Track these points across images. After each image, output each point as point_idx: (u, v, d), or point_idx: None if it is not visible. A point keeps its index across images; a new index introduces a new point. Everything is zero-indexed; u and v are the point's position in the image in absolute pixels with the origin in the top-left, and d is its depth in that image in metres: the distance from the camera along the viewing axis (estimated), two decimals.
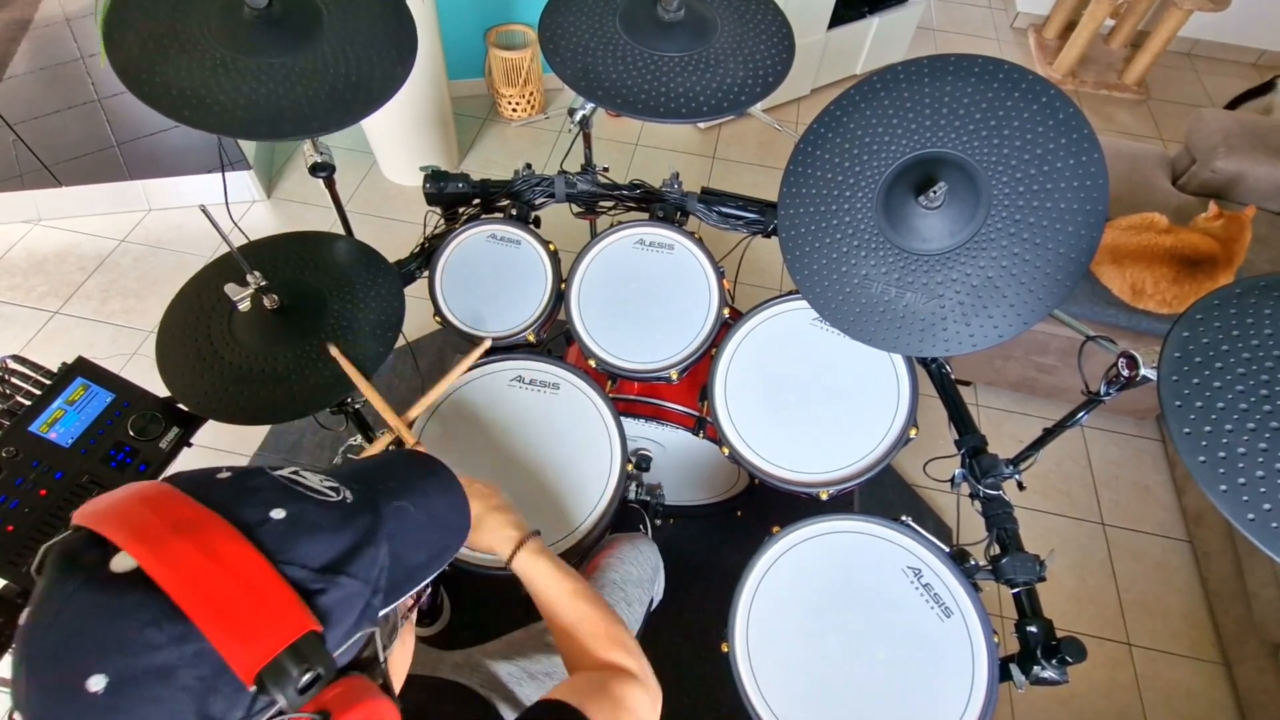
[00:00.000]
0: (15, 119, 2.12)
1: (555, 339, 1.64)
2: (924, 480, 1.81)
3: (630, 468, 1.01)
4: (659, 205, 1.23)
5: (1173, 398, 0.64)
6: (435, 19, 2.05)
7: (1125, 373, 0.79)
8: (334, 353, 0.94)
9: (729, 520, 1.61)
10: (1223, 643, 1.61)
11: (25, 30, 2.23)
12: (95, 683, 0.33)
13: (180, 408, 0.93)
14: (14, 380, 0.86)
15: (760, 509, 1.59)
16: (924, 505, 1.78)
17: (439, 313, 1.16)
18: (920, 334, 0.94)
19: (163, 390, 0.92)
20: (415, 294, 1.11)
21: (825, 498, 0.99)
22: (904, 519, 0.90)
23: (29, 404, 0.85)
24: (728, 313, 1.14)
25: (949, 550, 0.87)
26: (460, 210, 1.28)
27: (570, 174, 1.27)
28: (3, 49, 2.17)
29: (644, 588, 1.01)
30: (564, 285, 1.15)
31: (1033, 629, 0.83)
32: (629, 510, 1.35)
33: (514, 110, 2.64)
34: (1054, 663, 0.79)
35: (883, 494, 1.78)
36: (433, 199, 1.24)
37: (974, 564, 0.88)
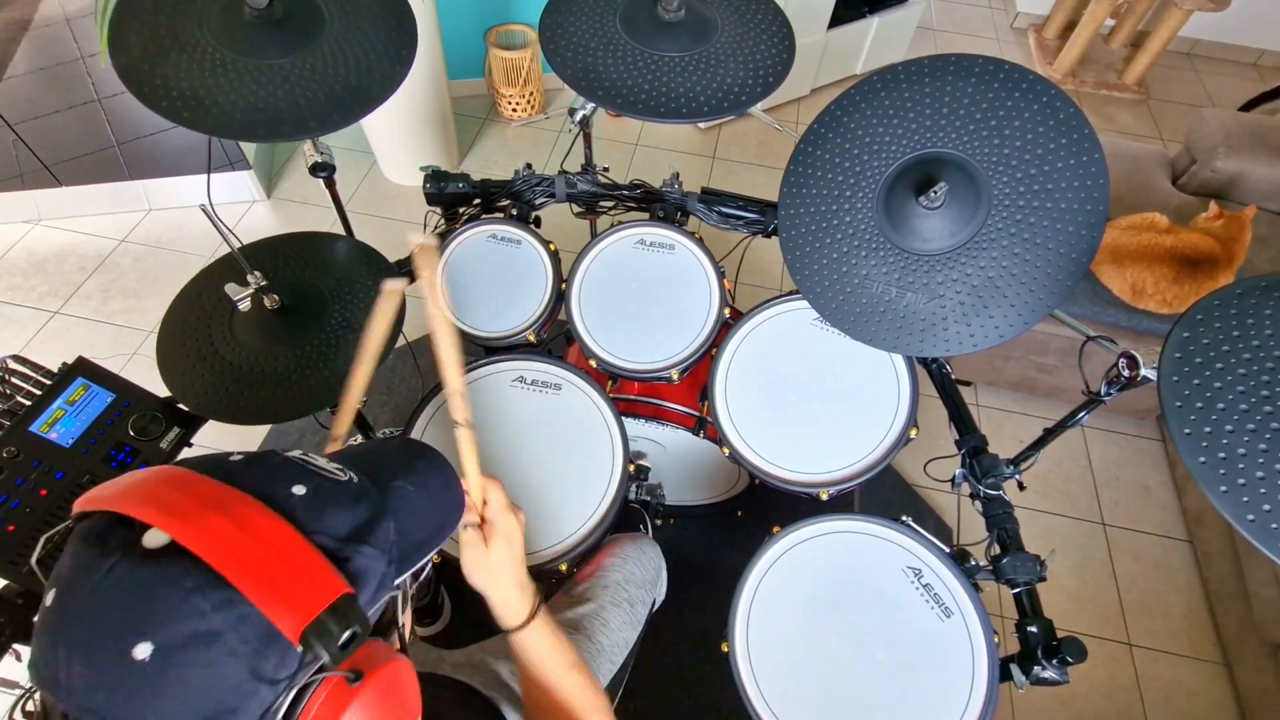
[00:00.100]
0: (15, 119, 2.12)
1: (555, 339, 1.64)
2: (924, 480, 1.81)
3: (631, 468, 1.01)
4: (659, 205, 1.23)
5: (1173, 398, 0.64)
6: (435, 19, 2.05)
7: (1125, 373, 0.79)
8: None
9: (729, 520, 1.61)
10: (1223, 643, 1.61)
11: (25, 30, 2.23)
12: (142, 650, 0.34)
13: (180, 408, 0.93)
14: (14, 380, 0.86)
15: (760, 509, 1.59)
16: (924, 505, 1.78)
17: None
18: (920, 334, 0.94)
19: (163, 390, 0.92)
20: (415, 294, 1.10)
21: (825, 498, 0.99)
22: (904, 519, 0.90)
23: (29, 404, 0.85)
24: (728, 313, 1.13)
25: (949, 550, 0.87)
26: (460, 210, 1.28)
27: (570, 174, 1.27)
28: (3, 49, 2.17)
29: (646, 589, 1.01)
30: (564, 285, 1.15)
31: (1033, 629, 0.83)
32: (629, 510, 1.35)
33: (514, 110, 2.64)
34: (1054, 663, 0.79)
35: (883, 494, 1.78)
36: (433, 199, 1.24)
37: (974, 564, 0.88)
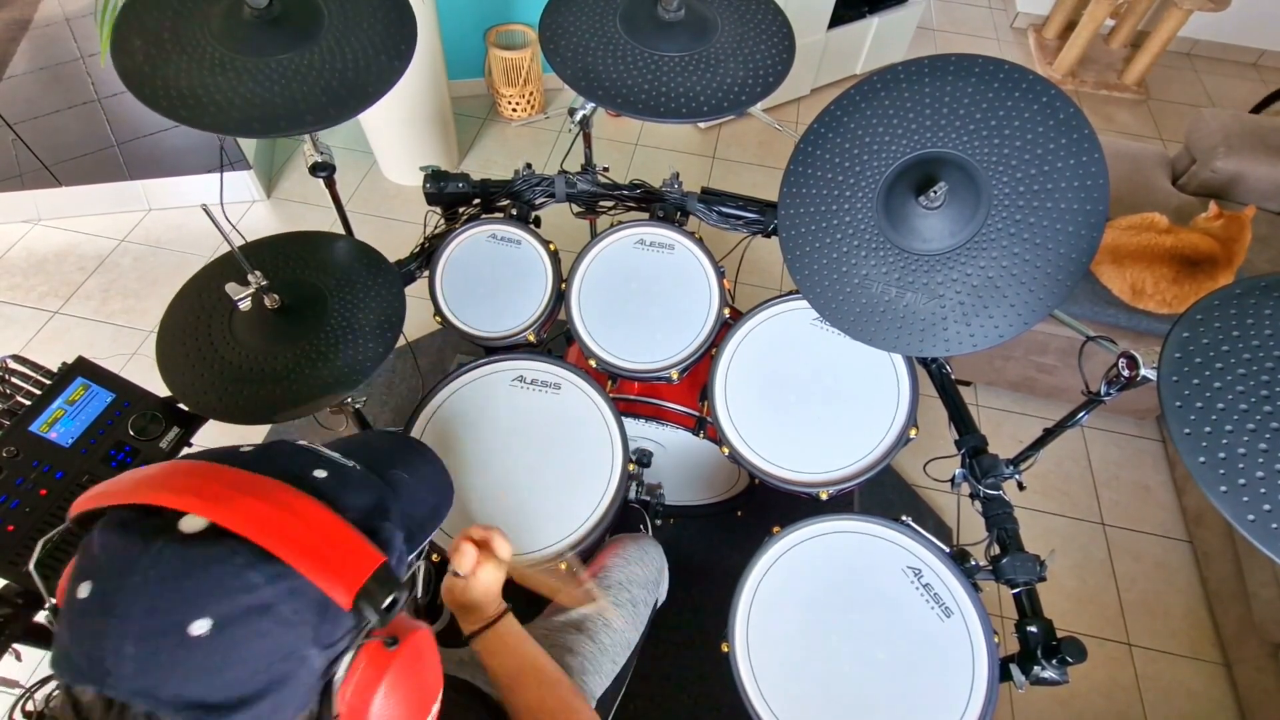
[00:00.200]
0: (15, 119, 2.12)
1: (555, 339, 1.64)
2: (924, 480, 1.81)
3: (631, 466, 1.01)
4: (659, 205, 1.23)
5: (1173, 398, 0.64)
6: (435, 18, 2.05)
7: (1125, 373, 0.79)
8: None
9: (729, 520, 1.61)
10: (1223, 643, 1.61)
11: (25, 30, 2.23)
12: (199, 627, 0.36)
13: (180, 407, 0.93)
14: (14, 380, 0.86)
15: (760, 509, 1.59)
16: (924, 505, 1.78)
17: (439, 313, 1.16)
18: (920, 334, 0.94)
19: (163, 390, 0.92)
20: (415, 294, 1.11)
21: (825, 498, 0.99)
22: (904, 519, 0.90)
23: (29, 404, 0.85)
24: (728, 313, 1.14)
25: (949, 550, 0.87)
26: (460, 210, 1.28)
27: (570, 174, 1.27)
28: (3, 49, 2.17)
29: (649, 589, 1.01)
30: (564, 285, 1.15)
31: (1033, 629, 0.83)
32: (629, 510, 1.35)
33: (514, 110, 2.64)
34: (1054, 663, 0.79)
35: (883, 494, 1.78)
36: (433, 199, 1.24)
37: (974, 564, 0.88)
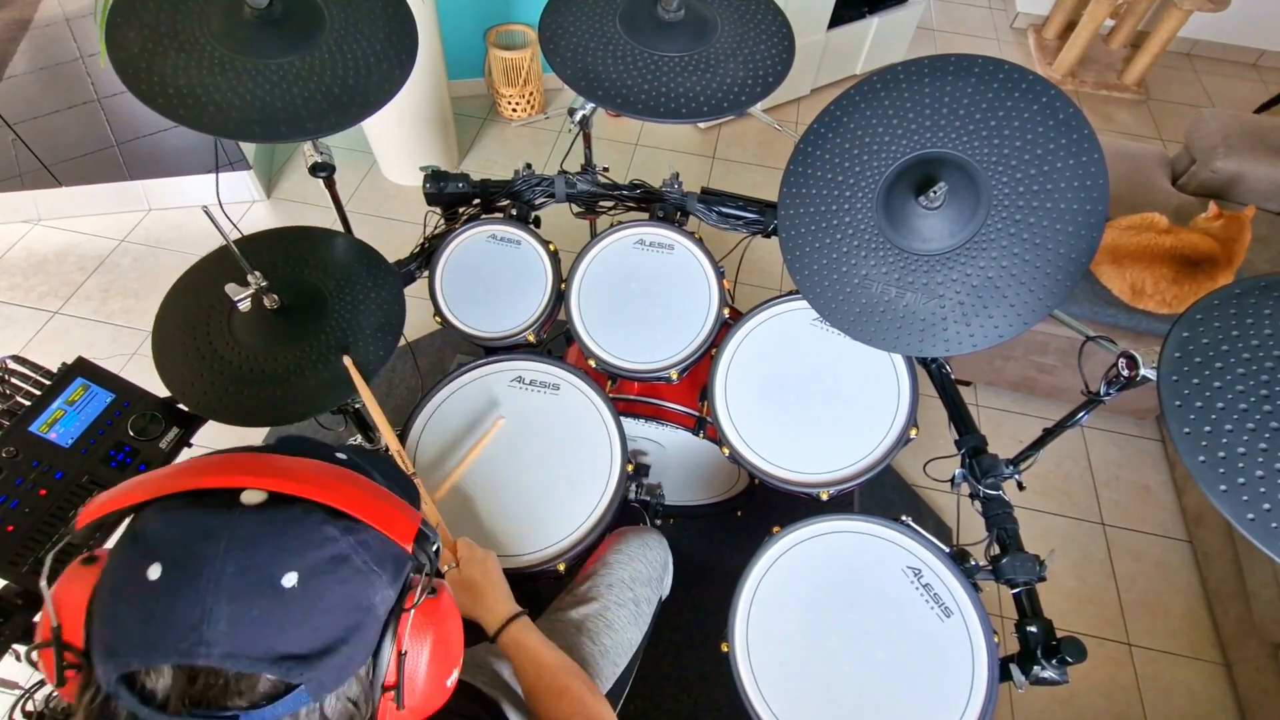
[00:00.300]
0: (15, 119, 2.12)
1: (555, 339, 1.64)
2: (924, 480, 1.81)
3: (630, 467, 1.01)
4: (659, 205, 1.23)
5: (1173, 398, 0.64)
6: (435, 19, 2.05)
7: (1125, 373, 0.79)
8: (347, 363, 0.93)
9: (729, 520, 1.61)
10: (1223, 643, 1.61)
11: (25, 30, 2.23)
12: (290, 579, 0.39)
13: (180, 408, 0.93)
14: (14, 380, 0.86)
15: (760, 509, 1.59)
16: (924, 505, 1.78)
17: (439, 313, 1.16)
18: (920, 334, 0.93)
19: (163, 390, 0.92)
20: (415, 294, 1.11)
21: (825, 498, 0.99)
22: (904, 519, 0.90)
23: (29, 404, 0.85)
24: (728, 313, 1.14)
25: (949, 550, 0.87)
26: (460, 210, 1.28)
27: (570, 174, 1.27)
28: (3, 49, 2.17)
29: (652, 586, 1.00)
30: (564, 285, 1.15)
31: (1033, 629, 0.83)
32: (629, 510, 1.35)
33: (514, 110, 2.64)
34: (1054, 663, 0.79)
35: (883, 494, 1.78)
36: (433, 199, 1.24)
37: (974, 564, 0.88)
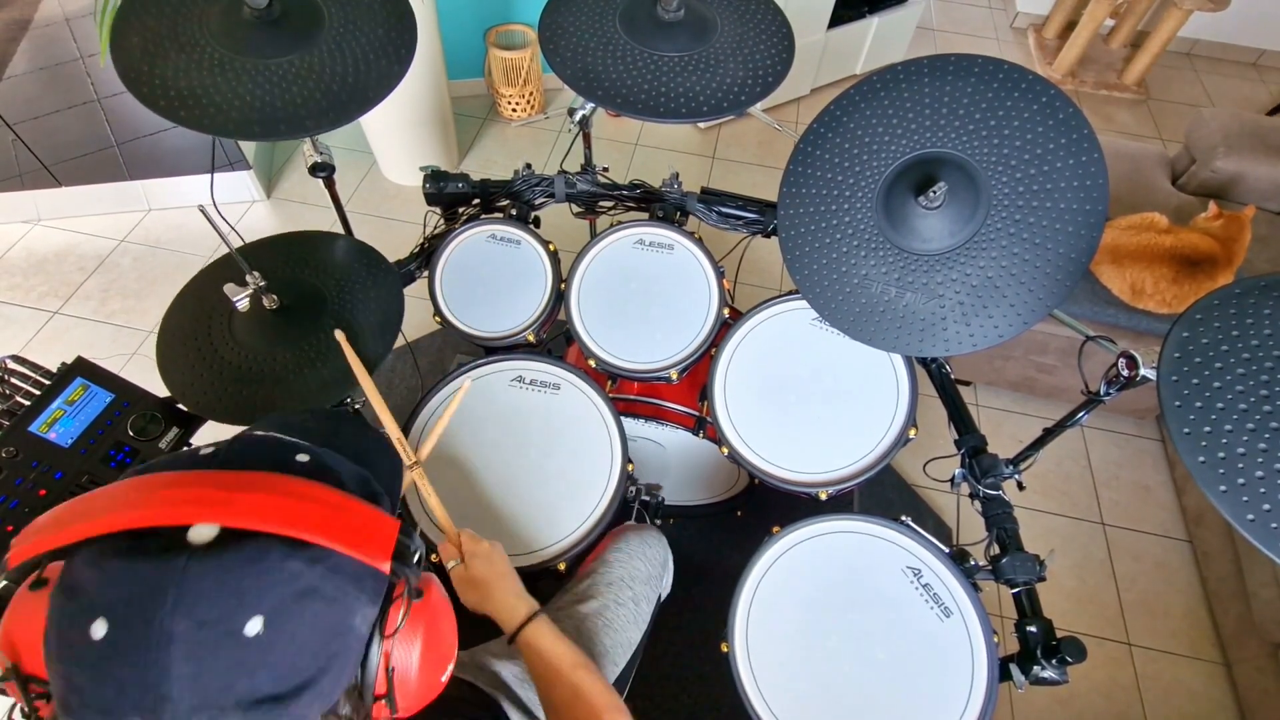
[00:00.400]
0: (15, 119, 2.12)
1: (555, 339, 1.64)
2: (924, 480, 1.81)
3: (630, 467, 1.01)
4: (659, 205, 1.23)
5: (1172, 398, 0.64)
6: (435, 19, 2.05)
7: (1125, 373, 0.79)
8: (340, 338, 0.89)
9: (729, 520, 1.61)
10: (1223, 643, 1.61)
11: (25, 30, 2.23)
12: (254, 626, 0.35)
13: (180, 408, 0.93)
14: (14, 380, 0.86)
15: (760, 509, 1.59)
16: (924, 505, 1.78)
17: (439, 313, 1.16)
18: (920, 334, 0.93)
19: (162, 390, 0.92)
20: (415, 294, 1.11)
21: (825, 498, 0.99)
22: (904, 519, 0.90)
23: (29, 404, 0.85)
24: (727, 313, 1.14)
25: (949, 550, 0.87)
26: (460, 210, 1.28)
27: (570, 174, 1.27)
28: (3, 49, 2.17)
29: (651, 585, 0.99)
30: (564, 285, 1.15)
31: (1033, 629, 0.83)
32: (628, 510, 1.35)
33: (514, 110, 2.64)
34: (1054, 663, 0.79)
35: (883, 494, 1.78)
36: (432, 199, 1.24)
37: (974, 564, 0.88)
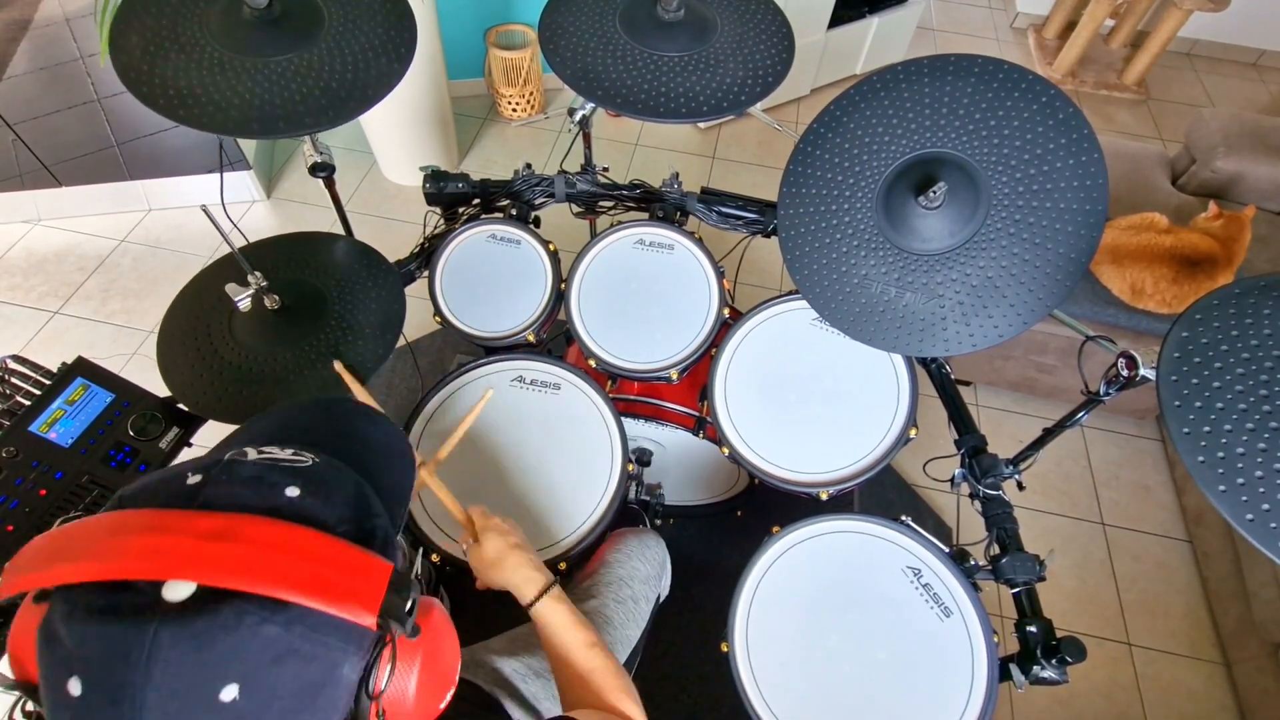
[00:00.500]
0: (15, 119, 2.12)
1: (555, 339, 1.64)
2: (924, 480, 1.81)
3: (631, 467, 1.01)
4: (659, 205, 1.23)
5: (1172, 398, 0.64)
6: (435, 19, 2.05)
7: (1125, 373, 0.79)
8: (339, 369, 0.93)
9: (729, 520, 1.61)
10: (1223, 643, 1.61)
11: (25, 30, 2.23)
12: (229, 693, 0.34)
13: (180, 408, 0.93)
14: (14, 380, 0.86)
15: (760, 509, 1.59)
16: (924, 505, 1.78)
17: (439, 313, 1.16)
18: (920, 334, 0.94)
19: (163, 390, 0.92)
20: (415, 294, 1.11)
21: (825, 498, 0.99)
22: (904, 519, 0.90)
23: (29, 404, 0.85)
24: (728, 313, 1.13)
25: (949, 550, 0.87)
26: (460, 210, 1.28)
27: (570, 174, 1.27)
28: (3, 49, 2.18)
29: (650, 584, 1.00)
30: (564, 285, 1.15)
31: (1032, 629, 0.83)
32: (629, 510, 1.35)
33: (514, 110, 2.64)
34: (1054, 663, 0.79)
35: (883, 494, 1.78)
36: (433, 199, 1.24)
37: (974, 564, 0.88)
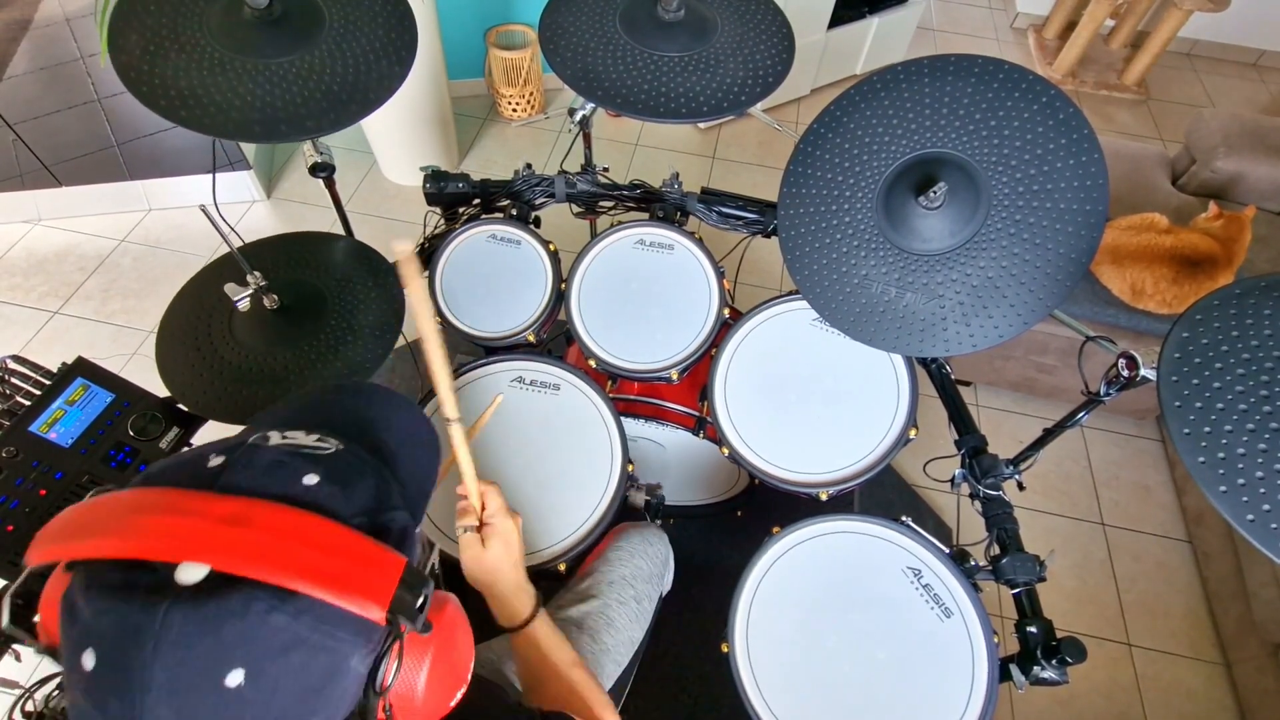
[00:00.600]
0: (15, 119, 2.12)
1: (555, 339, 1.64)
2: (924, 480, 1.81)
3: (631, 467, 1.01)
4: (659, 205, 1.23)
5: (1172, 398, 0.64)
6: (435, 19, 2.05)
7: (1125, 373, 0.79)
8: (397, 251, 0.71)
9: (729, 520, 1.61)
10: (1223, 643, 1.61)
11: (25, 30, 2.23)
12: (234, 678, 0.34)
13: (180, 408, 0.93)
14: (14, 380, 0.86)
15: (760, 509, 1.59)
16: (924, 505, 1.78)
17: (439, 313, 1.16)
18: (920, 334, 0.93)
19: (163, 390, 0.92)
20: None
21: (825, 498, 0.99)
22: (904, 519, 0.90)
23: (29, 404, 0.85)
24: (728, 313, 1.13)
25: (949, 550, 0.87)
26: (460, 210, 1.28)
27: (570, 174, 1.27)
28: (3, 49, 2.17)
29: (653, 583, 0.99)
30: (564, 285, 1.15)
31: (1033, 629, 0.83)
32: (628, 510, 1.35)
33: (514, 110, 2.64)
34: (1054, 663, 0.79)
35: (883, 494, 1.78)
36: (433, 199, 1.24)
37: (974, 564, 0.88)
